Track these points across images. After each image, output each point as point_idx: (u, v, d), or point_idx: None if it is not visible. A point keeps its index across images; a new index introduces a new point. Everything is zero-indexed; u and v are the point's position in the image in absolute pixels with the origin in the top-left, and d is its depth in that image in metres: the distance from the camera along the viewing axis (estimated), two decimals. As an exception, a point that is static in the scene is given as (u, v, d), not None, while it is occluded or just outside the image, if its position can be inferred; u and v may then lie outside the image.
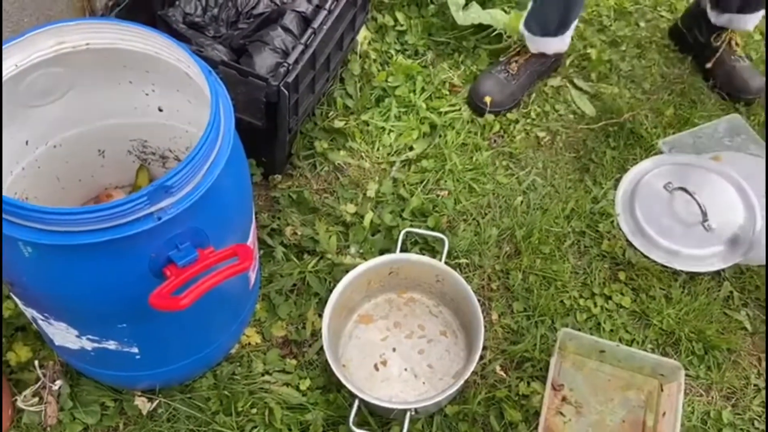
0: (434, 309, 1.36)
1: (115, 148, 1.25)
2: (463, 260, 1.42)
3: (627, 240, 1.48)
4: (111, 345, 0.95)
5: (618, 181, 1.57)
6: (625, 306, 1.40)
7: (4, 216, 0.75)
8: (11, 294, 0.93)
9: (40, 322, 0.93)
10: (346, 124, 1.58)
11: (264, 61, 1.31)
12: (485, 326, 1.22)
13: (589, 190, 1.55)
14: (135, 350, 0.97)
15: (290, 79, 1.25)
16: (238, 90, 1.21)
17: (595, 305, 1.40)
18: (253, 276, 1.13)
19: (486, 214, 1.50)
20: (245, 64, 1.31)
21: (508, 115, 1.67)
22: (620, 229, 1.49)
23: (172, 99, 1.11)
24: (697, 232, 1.48)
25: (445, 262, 1.29)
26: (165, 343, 1.02)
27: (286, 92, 1.23)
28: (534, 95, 1.72)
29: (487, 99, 1.62)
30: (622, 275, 1.44)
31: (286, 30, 1.34)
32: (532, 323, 1.35)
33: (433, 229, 1.41)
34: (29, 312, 0.92)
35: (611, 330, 1.37)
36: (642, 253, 1.46)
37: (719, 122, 1.69)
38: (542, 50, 1.65)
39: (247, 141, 1.00)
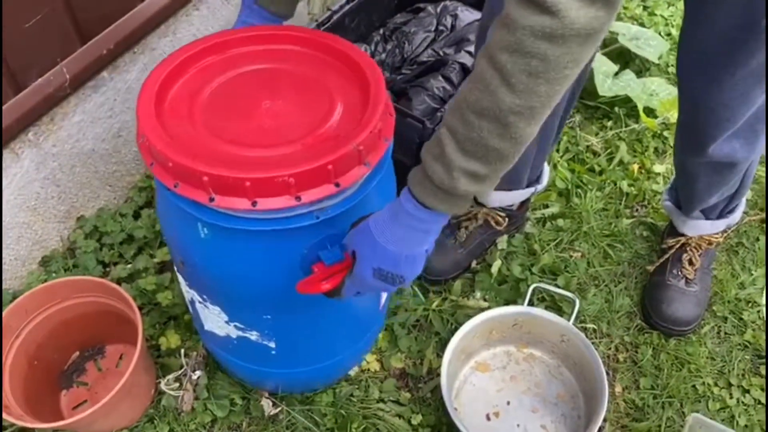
0: (554, 370, 1.33)
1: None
2: (590, 325, 1.38)
3: (773, 334, 1.37)
4: (253, 335, 1.03)
5: (769, 269, 1.47)
6: (765, 403, 1.28)
7: (187, 197, 0.85)
8: (178, 275, 1.04)
9: (197, 305, 1.03)
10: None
11: (421, 105, 1.40)
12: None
13: (736, 274, 1.47)
14: (272, 345, 1.05)
15: (444, 124, 1.33)
16: (395, 129, 1.29)
17: (731, 396, 1.30)
18: (383, 298, 1.18)
19: (620, 283, 1.46)
20: (403, 106, 1.40)
21: (654, 186, 1.63)
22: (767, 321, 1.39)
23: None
24: None
25: (573, 324, 1.27)
26: (298, 343, 1.09)
27: (439, 136, 1.31)
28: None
29: None
30: (764, 370, 1.33)
31: (447, 79, 1.43)
32: (658, 403, 1.28)
33: (563, 289, 1.39)
34: (190, 294, 1.03)
35: (746, 426, 1.27)
36: (790, 351, 1.35)
37: None
38: None
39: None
